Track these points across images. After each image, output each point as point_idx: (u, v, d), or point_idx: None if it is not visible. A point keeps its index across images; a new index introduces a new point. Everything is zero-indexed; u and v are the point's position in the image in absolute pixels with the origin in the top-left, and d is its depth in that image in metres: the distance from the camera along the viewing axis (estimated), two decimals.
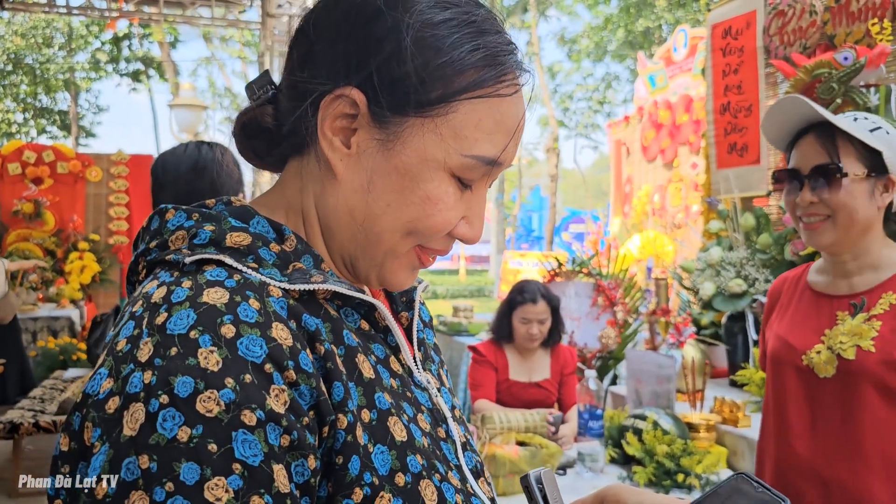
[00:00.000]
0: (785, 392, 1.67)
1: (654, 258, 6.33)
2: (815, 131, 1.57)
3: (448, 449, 0.71)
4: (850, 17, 3.35)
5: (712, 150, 4.09)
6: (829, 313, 1.61)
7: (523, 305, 3.09)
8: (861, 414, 1.49)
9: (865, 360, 1.49)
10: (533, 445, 2.51)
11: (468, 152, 0.65)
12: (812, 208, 1.55)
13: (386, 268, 0.69)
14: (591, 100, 24.59)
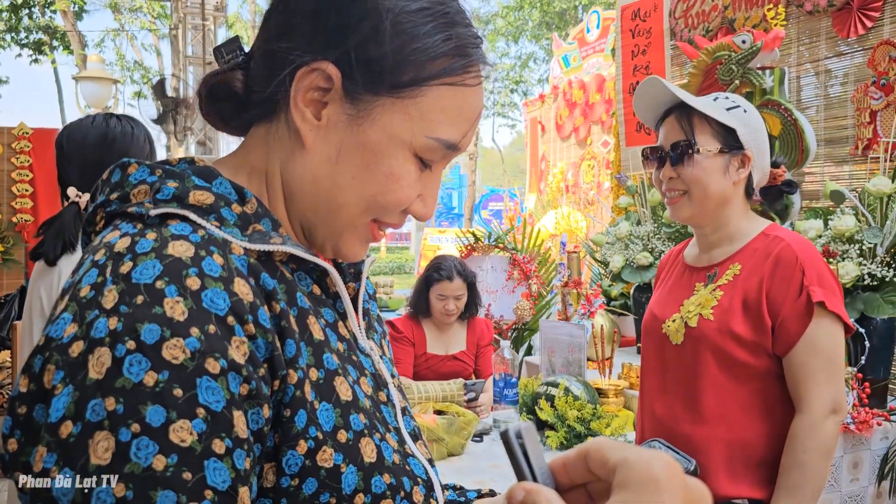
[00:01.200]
0: (649, 358, 1.79)
1: (567, 233, 6.52)
2: (677, 111, 1.66)
3: (388, 412, 0.75)
4: (748, 3, 3.53)
5: (621, 129, 4.25)
6: (690, 284, 1.72)
7: (440, 282, 3.13)
8: (702, 377, 1.60)
9: (705, 327, 1.59)
10: (450, 414, 2.58)
11: (432, 134, 0.69)
12: (671, 183, 1.65)
13: (343, 238, 0.73)
14: (507, 79, 24.81)
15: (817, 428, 1.51)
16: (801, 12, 3.31)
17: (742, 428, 1.59)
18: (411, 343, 3.20)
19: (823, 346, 1.53)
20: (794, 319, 1.53)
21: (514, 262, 4.09)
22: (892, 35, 2.93)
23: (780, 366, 1.58)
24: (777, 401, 1.59)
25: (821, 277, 1.54)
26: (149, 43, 22.15)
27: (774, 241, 1.59)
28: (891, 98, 2.90)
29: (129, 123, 1.92)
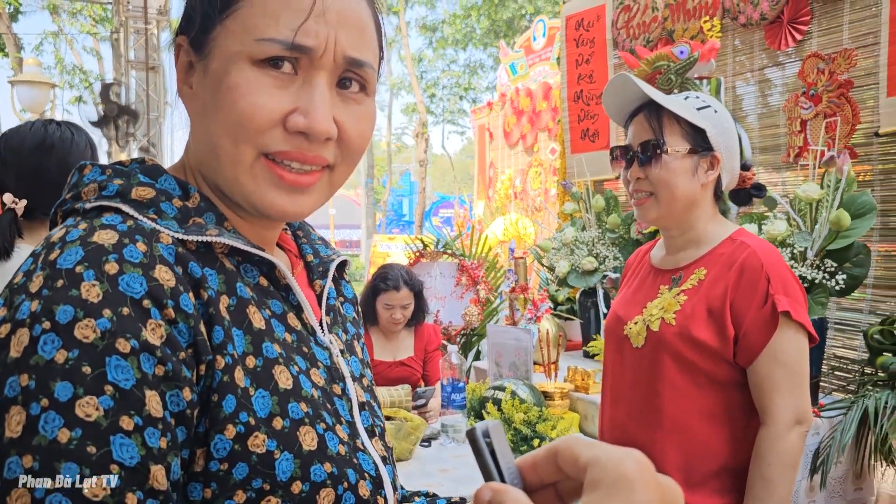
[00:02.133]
0: (610, 360, 1.76)
1: (516, 239, 6.59)
2: (646, 109, 1.61)
3: (342, 405, 0.76)
4: (686, 15, 3.64)
5: (566, 136, 4.32)
6: (655, 286, 1.68)
7: (386, 292, 3.13)
8: (661, 381, 1.57)
9: (666, 331, 1.56)
10: (398, 419, 2.59)
11: (260, 36, 0.67)
12: (639, 184, 1.61)
13: (245, 188, 0.70)
14: (456, 86, 24.92)
15: (781, 440, 1.48)
16: (735, 25, 3.43)
17: (700, 435, 1.55)
18: None
19: (787, 356, 1.49)
20: (757, 329, 1.49)
21: (463, 268, 4.12)
22: (820, 48, 3.06)
23: (741, 375, 1.55)
24: (737, 409, 1.56)
25: (786, 286, 1.50)
26: (90, 46, 21.55)
27: (741, 247, 1.55)
28: (819, 108, 3.03)
29: (70, 129, 1.88)
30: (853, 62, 2.90)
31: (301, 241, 0.90)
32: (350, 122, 0.72)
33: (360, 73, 0.72)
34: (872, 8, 2.84)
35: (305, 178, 0.71)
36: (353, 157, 0.75)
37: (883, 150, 2.86)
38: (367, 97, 0.75)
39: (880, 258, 2.87)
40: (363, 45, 0.72)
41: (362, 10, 0.73)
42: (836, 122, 2.94)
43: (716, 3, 3.47)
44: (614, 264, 3.59)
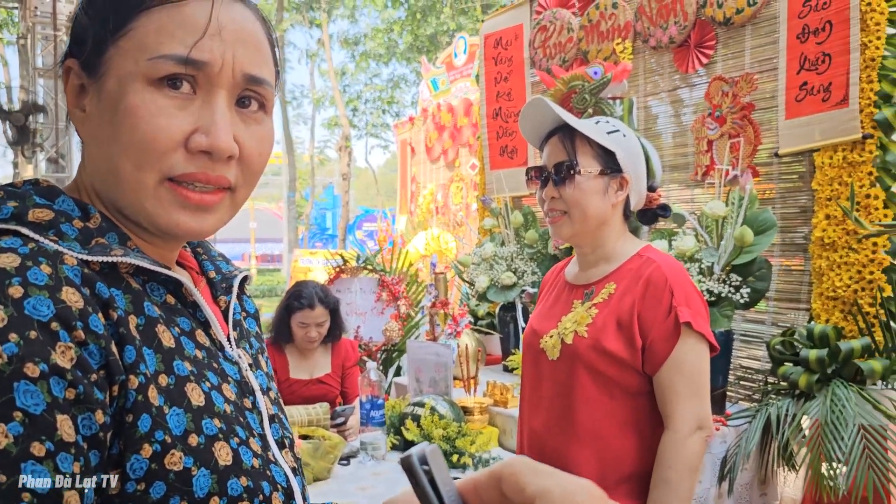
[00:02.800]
0: (527, 373, 1.80)
1: (438, 254, 6.61)
2: (560, 132, 1.68)
3: (253, 419, 0.77)
4: (600, 36, 3.74)
5: (486, 153, 4.37)
6: (569, 301, 1.74)
7: (301, 310, 3.07)
8: (576, 392, 1.62)
9: (579, 344, 1.62)
10: (316, 438, 2.55)
11: (154, 54, 0.67)
12: (553, 203, 1.67)
13: (148, 210, 0.70)
14: (379, 100, 24.92)
15: (683, 444, 1.54)
16: (646, 47, 3.55)
17: (614, 443, 1.60)
18: (273, 370, 3.13)
19: (689, 365, 1.55)
20: (662, 339, 1.55)
21: (383, 283, 4.10)
22: (724, 71, 3.20)
23: (649, 383, 1.61)
24: (648, 416, 1.62)
25: (688, 298, 1.57)
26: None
27: (647, 262, 1.62)
28: (724, 129, 3.16)
29: None
30: (755, 86, 3.04)
31: (202, 258, 0.89)
32: (250, 141, 0.73)
33: (259, 90, 0.73)
34: (772, 35, 2.99)
35: (210, 196, 0.71)
36: (253, 177, 0.75)
37: (782, 170, 3.00)
38: (266, 116, 0.76)
39: (781, 272, 3.01)
40: (261, 63, 0.73)
41: (257, 28, 0.74)
42: (739, 142, 3.07)
43: (627, 26, 3.58)
44: (532, 279, 3.64)
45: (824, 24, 2.74)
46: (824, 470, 2.39)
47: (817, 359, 2.56)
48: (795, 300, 2.96)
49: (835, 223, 2.70)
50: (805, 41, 2.81)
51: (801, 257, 2.95)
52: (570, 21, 3.89)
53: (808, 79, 2.79)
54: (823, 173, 2.74)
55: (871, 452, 2.31)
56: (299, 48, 40.39)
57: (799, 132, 2.82)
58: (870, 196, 2.60)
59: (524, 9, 4.21)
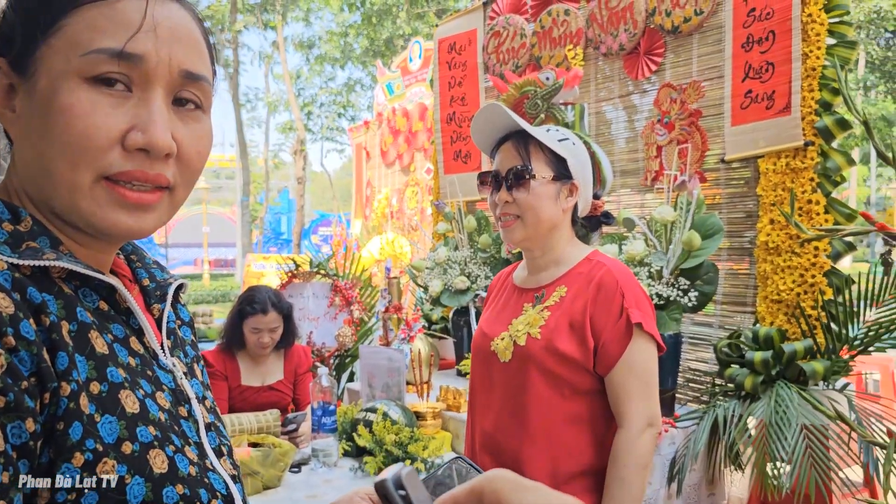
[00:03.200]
0: (477, 376, 1.82)
1: (392, 259, 6.59)
2: (514, 138, 1.72)
3: (189, 427, 0.76)
4: (552, 42, 3.78)
5: (440, 157, 4.37)
6: (519, 304, 1.77)
7: (253, 316, 3.03)
8: (528, 394, 1.65)
9: (532, 345, 1.65)
10: (266, 445, 2.51)
11: (86, 50, 0.66)
12: (507, 207, 1.70)
13: (85, 211, 0.68)
14: (334, 104, 24.80)
15: (635, 442, 1.58)
16: (597, 54, 3.59)
17: (565, 441, 1.64)
18: (224, 377, 3.08)
19: (640, 365, 1.60)
20: (614, 340, 1.59)
21: (336, 288, 4.07)
22: (673, 79, 3.26)
23: (600, 383, 1.64)
24: (599, 415, 1.66)
25: (638, 300, 1.62)
26: None
27: (597, 266, 1.67)
28: (673, 135, 3.22)
29: None
30: (702, 93, 3.11)
31: (135, 266, 0.87)
32: (188, 140, 0.72)
33: (197, 88, 0.72)
34: (718, 44, 3.06)
35: (148, 195, 0.70)
36: (191, 176, 0.74)
37: (729, 176, 3.07)
38: (204, 114, 0.75)
39: (728, 276, 3.07)
40: (198, 60, 0.72)
41: (193, 27, 0.74)
42: (687, 148, 3.13)
43: (579, 33, 3.62)
44: (486, 283, 3.65)
45: (768, 33, 2.80)
46: (769, 469, 2.44)
47: (762, 360, 2.62)
48: (742, 303, 3.03)
49: (779, 228, 2.76)
50: (749, 50, 2.87)
51: (747, 261, 3.01)
52: (522, 27, 3.92)
53: (752, 87, 2.85)
54: (767, 179, 2.81)
55: (814, 451, 2.37)
56: (253, 50, 39.90)
57: (744, 139, 2.89)
58: (811, 201, 2.68)
59: (478, 14, 4.22)
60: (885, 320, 2.61)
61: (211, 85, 0.75)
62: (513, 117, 1.68)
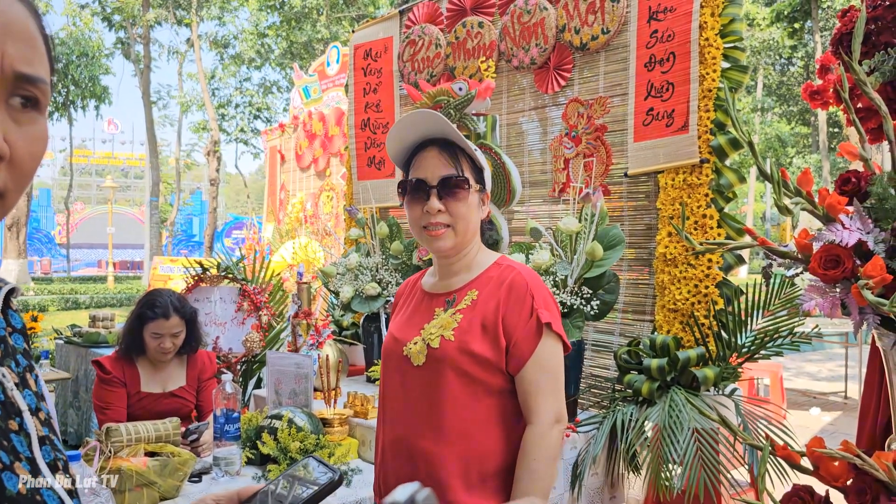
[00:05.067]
0: (389, 380, 1.82)
1: (305, 264, 6.51)
2: (437, 146, 1.72)
3: (20, 441, 0.72)
4: (466, 54, 3.84)
5: (353, 163, 4.36)
6: (430, 309, 1.79)
7: (154, 321, 2.93)
8: (443, 395, 1.67)
9: (447, 347, 1.67)
10: (164, 454, 2.44)
11: None
12: (439, 216, 1.69)
13: None
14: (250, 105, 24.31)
15: (545, 436, 1.62)
16: (509, 67, 3.68)
17: (478, 442, 1.66)
18: (122, 384, 2.97)
19: (549, 363, 1.66)
20: (525, 339, 1.64)
21: (245, 293, 3.99)
22: (580, 94, 3.37)
23: (511, 382, 1.68)
24: (510, 415, 1.69)
25: (546, 302, 1.68)
26: None
27: (507, 269, 1.72)
28: (580, 148, 3.32)
29: None
30: (607, 109, 3.23)
31: None
32: (22, 142, 0.67)
33: (33, 89, 0.68)
34: (623, 62, 3.18)
35: None
36: (24, 180, 0.69)
37: (631, 189, 3.19)
38: (40, 115, 0.70)
39: (629, 285, 3.19)
40: (34, 59, 0.68)
41: (29, 21, 0.68)
42: (592, 161, 3.24)
43: (492, 45, 3.70)
44: (397, 289, 3.66)
45: (668, 54, 2.94)
46: (661, 471, 2.55)
47: (658, 367, 2.73)
48: (641, 311, 3.15)
49: (676, 240, 2.90)
50: (652, 70, 3.01)
51: (647, 271, 3.14)
52: (438, 37, 3.96)
53: (654, 105, 2.98)
54: (666, 193, 2.94)
55: (703, 454, 2.49)
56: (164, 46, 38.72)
57: (645, 154, 3.02)
58: (706, 216, 2.82)
59: (394, 22, 4.25)
60: (771, 329, 2.78)
61: (48, 85, 0.71)
62: (449, 127, 1.70)
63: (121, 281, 24.70)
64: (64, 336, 6.13)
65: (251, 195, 31.27)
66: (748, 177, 22.95)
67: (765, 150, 24.40)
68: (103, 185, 25.26)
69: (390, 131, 1.77)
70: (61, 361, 6.06)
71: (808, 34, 22.42)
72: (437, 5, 4.04)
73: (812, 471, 1.47)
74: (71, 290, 20.77)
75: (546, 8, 3.44)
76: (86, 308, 17.12)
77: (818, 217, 1.62)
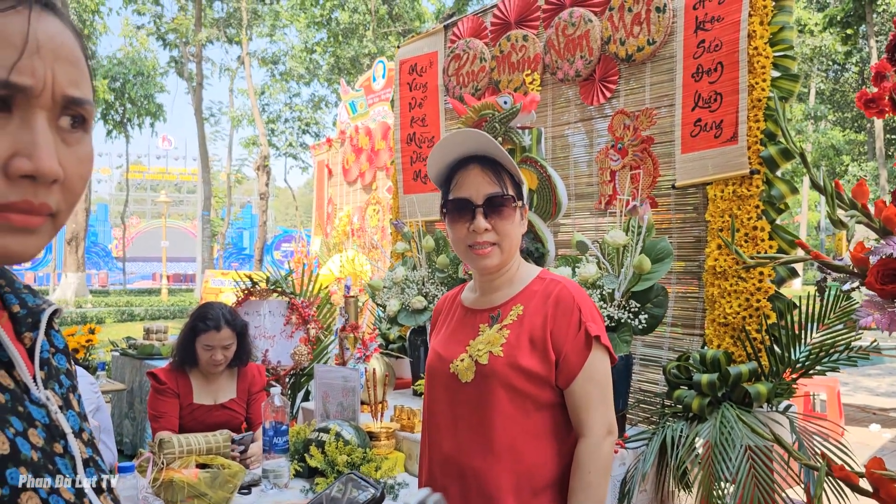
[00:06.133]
0: (436, 397, 1.82)
1: (352, 277, 6.57)
2: (479, 164, 1.72)
3: (65, 464, 0.72)
4: (511, 67, 3.84)
5: (400, 177, 4.40)
6: (474, 325, 1.78)
7: (206, 332, 3.00)
8: (492, 411, 1.67)
9: (496, 363, 1.67)
10: (214, 466, 2.48)
11: None
12: (485, 235, 1.69)
13: None
14: (299, 121, 24.73)
15: (598, 449, 1.63)
16: (554, 79, 3.67)
17: (529, 457, 1.66)
18: (176, 394, 3.04)
19: (599, 375, 1.66)
20: (575, 353, 1.64)
21: (293, 306, 4.05)
22: (626, 105, 3.34)
23: (560, 396, 1.68)
24: (560, 429, 1.69)
25: (592, 315, 1.68)
26: None
27: (552, 283, 1.72)
28: (626, 160, 3.29)
29: None
30: (653, 120, 3.19)
31: (4, 291, 0.82)
32: (72, 164, 0.69)
33: (80, 110, 0.70)
34: (670, 73, 3.15)
35: (34, 218, 0.67)
36: (73, 200, 0.71)
37: (679, 201, 3.15)
38: (86, 135, 0.72)
39: (678, 299, 3.14)
40: (81, 81, 0.70)
41: (73, 43, 0.70)
42: (639, 173, 3.21)
43: (537, 58, 3.70)
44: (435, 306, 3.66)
45: (716, 64, 2.90)
46: (714, 489, 2.49)
47: (708, 382, 2.68)
48: (691, 325, 3.10)
49: (726, 253, 2.84)
50: (699, 80, 2.96)
51: (696, 284, 3.09)
52: (482, 51, 3.98)
53: (701, 115, 2.94)
54: (715, 205, 2.89)
55: (757, 472, 2.42)
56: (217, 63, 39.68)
57: (693, 166, 2.97)
58: (756, 228, 2.76)
59: (439, 36, 4.28)
60: (827, 343, 2.70)
61: (92, 105, 0.72)
62: (491, 144, 1.70)
63: (174, 293, 25.30)
64: (119, 348, 6.30)
65: (299, 208, 31.71)
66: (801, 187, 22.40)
67: (818, 159, 23.78)
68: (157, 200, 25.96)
69: (433, 151, 1.77)
70: (117, 373, 6.23)
71: (862, 39, 21.82)
72: (481, 19, 4.06)
73: (872, 493, 1.42)
74: (126, 302, 21.37)
75: (591, 20, 3.42)
76: (140, 320, 17.57)
77: (874, 230, 1.57)
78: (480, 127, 3.28)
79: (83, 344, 4.95)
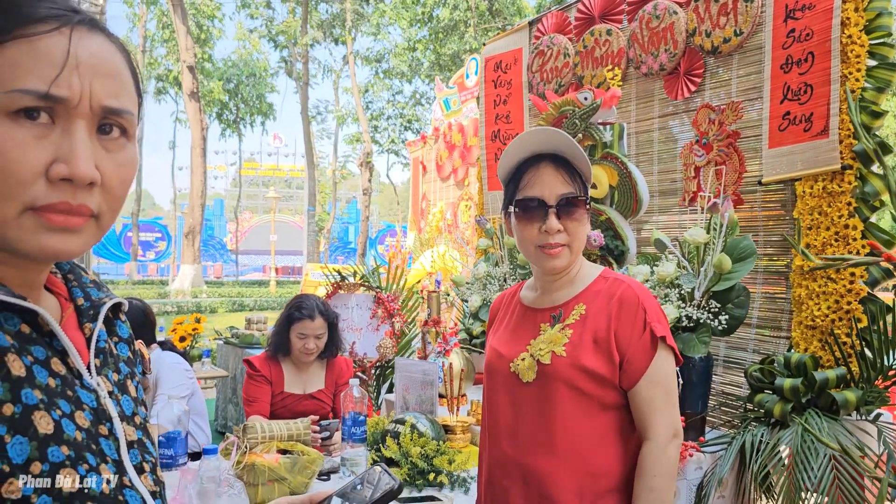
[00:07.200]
0: (496, 397, 1.80)
1: (443, 272, 6.66)
2: (551, 162, 1.69)
3: (108, 445, 0.78)
4: (594, 62, 3.80)
5: (484, 174, 4.43)
6: (535, 324, 1.77)
7: (301, 321, 3.15)
8: (554, 412, 1.65)
9: (558, 363, 1.65)
10: (294, 453, 2.60)
11: (11, 87, 0.68)
12: (557, 236, 1.67)
13: (11, 239, 0.71)
14: (400, 117, 25.13)
15: (664, 452, 1.60)
16: (638, 74, 3.60)
17: (592, 459, 1.64)
18: (268, 382, 3.20)
19: (663, 377, 1.64)
20: (640, 354, 1.62)
21: (379, 300, 4.17)
22: (711, 99, 3.24)
23: (623, 397, 1.66)
24: (624, 431, 1.67)
25: (657, 315, 1.66)
26: None
27: (615, 283, 1.69)
28: (711, 156, 3.19)
29: None
30: (740, 114, 3.08)
31: (72, 285, 0.89)
32: (111, 168, 0.74)
33: (119, 119, 0.75)
34: (757, 64, 3.02)
35: (74, 219, 0.72)
36: (116, 203, 0.76)
37: (765, 198, 3.03)
38: (129, 142, 0.77)
39: (763, 299, 3.02)
40: (120, 93, 0.75)
41: (116, 59, 0.76)
42: (722, 169, 3.10)
43: (620, 53, 3.63)
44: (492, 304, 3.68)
45: (807, 55, 2.77)
46: (798, 499, 2.39)
47: (791, 387, 2.57)
48: (777, 328, 2.97)
49: (814, 252, 2.71)
50: (788, 71, 2.84)
51: (783, 285, 2.96)
52: (566, 46, 3.95)
53: (790, 108, 2.82)
54: (804, 202, 2.76)
55: (842, 483, 2.31)
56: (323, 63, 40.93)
57: (781, 161, 2.85)
58: (848, 226, 2.62)
59: (524, 33, 4.27)
60: None
61: (134, 115, 0.78)
62: (565, 143, 1.68)
63: (282, 285, 26.33)
64: (223, 337, 6.66)
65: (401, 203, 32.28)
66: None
67: None
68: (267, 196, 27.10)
69: (506, 149, 1.74)
70: (221, 360, 6.59)
71: None
72: (565, 14, 4.03)
73: None
74: (238, 293, 22.43)
75: (676, 12, 3.34)
76: (250, 310, 18.42)
77: None
78: (560, 123, 3.26)
79: (189, 332, 5.28)
